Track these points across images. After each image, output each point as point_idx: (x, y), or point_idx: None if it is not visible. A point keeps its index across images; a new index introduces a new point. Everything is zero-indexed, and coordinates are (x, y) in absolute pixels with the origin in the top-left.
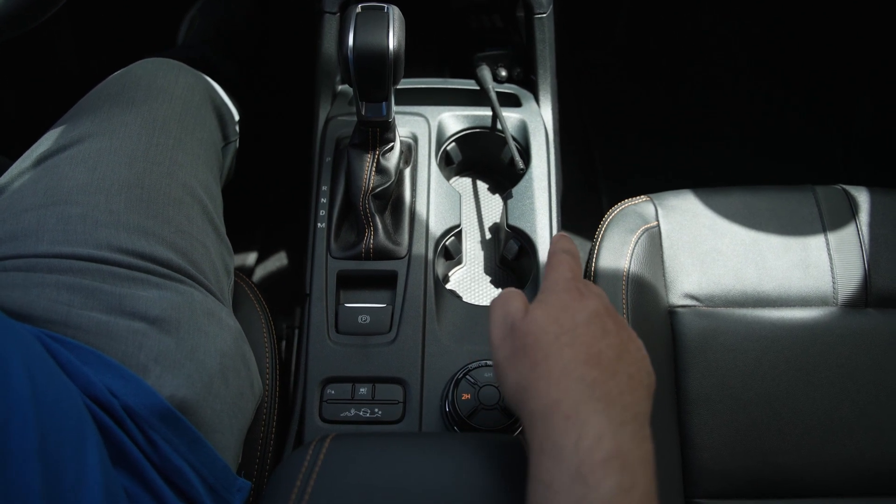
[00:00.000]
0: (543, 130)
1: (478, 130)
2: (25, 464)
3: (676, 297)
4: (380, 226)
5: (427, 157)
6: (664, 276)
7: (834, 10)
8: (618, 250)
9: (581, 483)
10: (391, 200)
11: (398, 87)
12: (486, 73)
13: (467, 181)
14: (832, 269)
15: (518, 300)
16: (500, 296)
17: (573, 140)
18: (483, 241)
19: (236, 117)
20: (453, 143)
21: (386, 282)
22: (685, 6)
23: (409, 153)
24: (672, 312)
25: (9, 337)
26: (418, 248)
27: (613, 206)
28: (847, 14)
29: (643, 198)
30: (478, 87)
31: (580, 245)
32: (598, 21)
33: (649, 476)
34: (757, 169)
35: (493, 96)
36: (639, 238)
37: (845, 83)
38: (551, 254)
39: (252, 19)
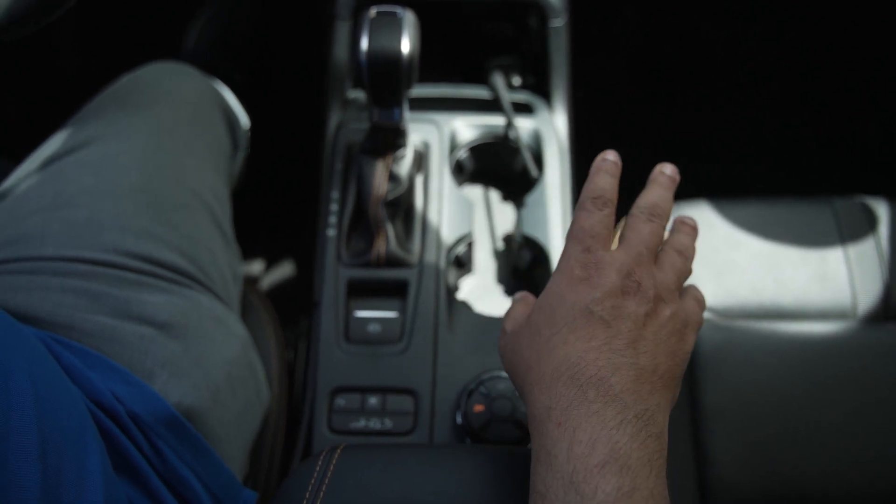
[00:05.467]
0: (557, 139)
1: (491, 141)
2: (24, 465)
3: None
4: (391, 233)
5: (439, 164)
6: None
7: (846, 21)
8: None
9: (574, 492)
10: (402, 208)
11: (411, 94)
12: (499, 80)
13: (478, 189)
14: (851, 281)
15: (519, 309)
16: (508, 309)
17: (583, 149)
18: (495, 251)
19: (246, 124)
20: (465, 152)
21: (396, 290)
22: (697, 17)
23: (420, 161)
24: None
25: (11, 337)
26: (429, 257)
27: (625, 215)
28: (860, 25)
29: None
30: (490, 96)
31: None
32: (607, 30)
33: (654, 476)
34: (771, 181)
35: (507, 105)
36: None
37: (859, 94)
38: (580, 200)
39: (260, 26)
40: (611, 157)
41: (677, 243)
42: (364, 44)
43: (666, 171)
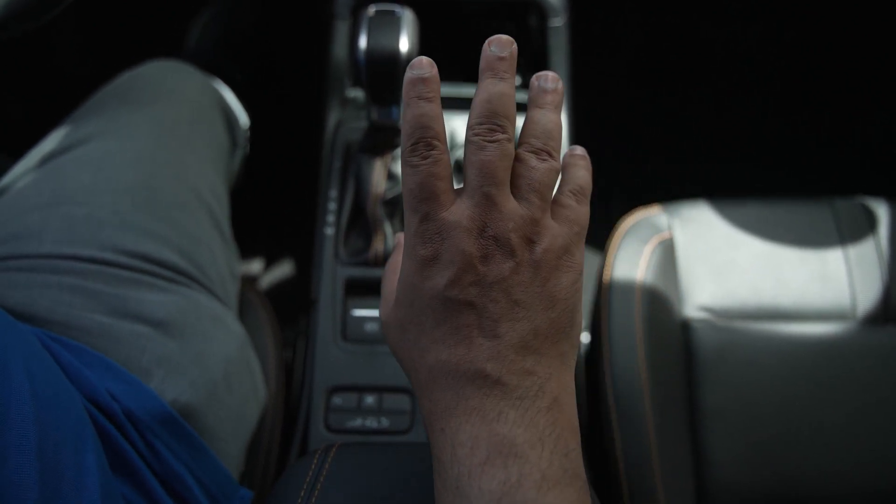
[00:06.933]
0: None
1: None
2: (23, 462)
3: (691, 310)
4: (389, 232)
5: None
6: (678, 287)
7: (847, 21)
8: (632, 261)
9: (461, 496)
10: (401, 207)
11: None
12: None
13: None
14: (851, 282)
15: (388, 283)
16: (383, 275)
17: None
18: None
19: (245, 123)
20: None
21: None
22: (697, 17)
23: None
24: (686, 325)
25: (9, 335)
26: None
27: (625, 216)
28: (860, 25)
29: (656, 208)
30: None
31: (591, 256)
32: (608, 29)
33: (549, 453)
34: (771, 181)
35: None
36: (653, 249)
37: (859, 94)
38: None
39: (260, 26)
40: (424, 68)
41: (534, 137)
42: (362, 42)
43: (491, 48)
